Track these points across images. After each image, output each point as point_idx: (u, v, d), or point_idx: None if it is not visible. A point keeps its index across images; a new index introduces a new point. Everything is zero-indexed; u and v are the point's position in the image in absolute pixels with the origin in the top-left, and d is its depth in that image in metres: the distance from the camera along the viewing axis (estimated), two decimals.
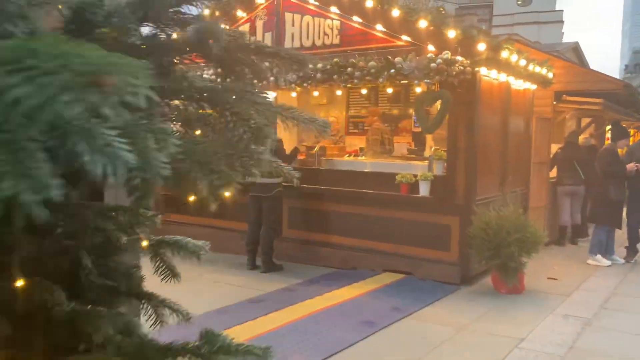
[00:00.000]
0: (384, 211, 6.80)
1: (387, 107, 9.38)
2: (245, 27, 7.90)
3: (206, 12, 7.99)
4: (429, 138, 8.26)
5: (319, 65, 6.26)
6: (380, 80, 5.86)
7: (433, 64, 5.51)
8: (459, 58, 5.81)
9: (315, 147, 7.30)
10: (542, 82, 7.62)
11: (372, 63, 5.86)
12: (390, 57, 5.83)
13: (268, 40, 7.67)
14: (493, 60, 5.94)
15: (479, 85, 6.23)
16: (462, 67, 5.82)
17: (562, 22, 47.04)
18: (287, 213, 7.56)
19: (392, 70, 5.74)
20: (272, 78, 6.49)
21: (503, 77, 6.80)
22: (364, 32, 6.87)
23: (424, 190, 6.22)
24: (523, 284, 6.02)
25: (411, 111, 8.19)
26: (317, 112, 10.20)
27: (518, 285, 5.93)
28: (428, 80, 5.61)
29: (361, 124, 9.74)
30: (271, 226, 6.90)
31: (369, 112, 9.08)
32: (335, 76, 6.17)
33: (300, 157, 7.53)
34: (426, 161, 6.73)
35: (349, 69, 6.04)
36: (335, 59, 6.23)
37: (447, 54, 5.63)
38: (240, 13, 7.90)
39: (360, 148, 8.90)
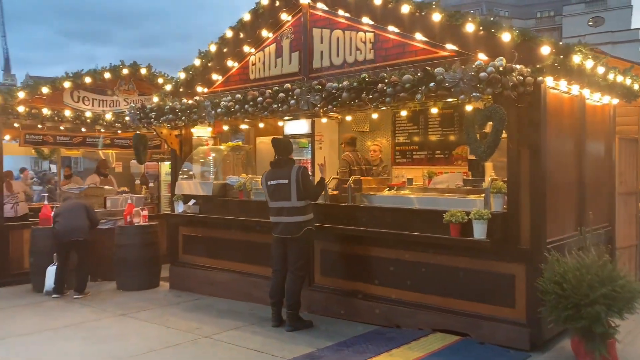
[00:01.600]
0: (432, 257, 5.59)
1: (438, 131, 8.22)
2: (272, 48, 7.05)
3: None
4: (488, 167, 6.99)
5: (345, 83, 5.24)
6: (418, 97, 4.75)
7: (483, 74, 4.36)
8: (517, 66, 4.63)
9: (349, 179, 6.22)
10: (626, 94, 6.24)
11: (407, 76, 4.78)
12: (429, 68, 4.72)
13: (295, 60, 6.77)
14: (562, 67, 4.70)
15: (545, 99, 4.99)
16: (521, 77, 4.63)
17: (639, 40, 43.95)
18: (319, 257, 6.49)
19: (432, 84, 4.62)
20: (292, 101, 5.56)
21: (575, 89, 5.51)
22: (402, 44, 5.82)
23: (479, 231, 4.98)
24: (615, 353, 4.60)
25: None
26: (362, 140, 9.17)
27: (608, 356, 4.52)
28: (477, 95, 4.44)
29: (410, 152, 8.61)
30: (297, 274, 5.86)
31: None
32: (363, 94, 5.12)
33: (333, 193, 6.49)
34: (483, 195, 5.48)
35: (379, 85, 4.98)
36: (364, 74, 5.19)
37: (501, 61, 4.47)
38: (265, 33, 7.07)
39: (408, 179, 7.75)
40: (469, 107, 5.35)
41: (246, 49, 7.25)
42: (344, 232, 6.01)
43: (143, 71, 10.03)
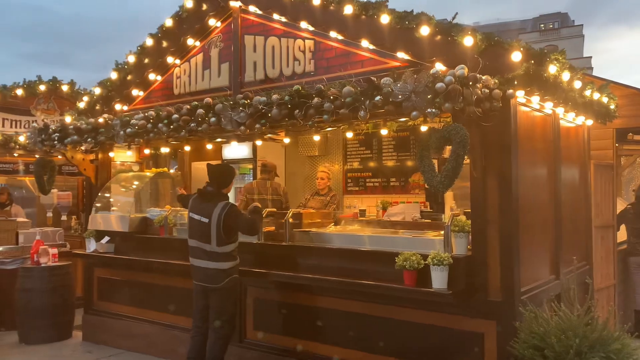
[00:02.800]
0: (384, 310, 4.57)
1: (394, 156, 7.33)
2: (198, 59, 6.04)
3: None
4: (448, 197, 6.09)
5: (274, 97, 4.25)
6: (362, 114, 3.79)
7: (440, 84, 3.43)
8: (482, 77, 3.74)
9: (287, 212, 5.18)
10: (602, 114, 5.45)
11: (347, 89, 3.81)
12: (374, 79, 3.78)
13: (225, 73, 5.76)
14: (536, 78, 3.83)
15: (516, 117, 4.11)
16: (487, 90, 3.73)
17: (591, 68, 44.98)
18: (251, 307, 5.40)
19: (378, 98, 3.66)
20: (213, 119, 4.54)
21: (549, 106, 4.68)
22: (346, 53, 4.89)
23: (438, 280, 4.00)
24: None
25: None
26: (312, 165, 8.20)
27: None
28: (433, 111, 3.50)
29: (362, 179, 7.68)
30: (220, 333, 4.75)
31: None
32: (296, 111, 4.13)
33: (268, 229, 5.44)
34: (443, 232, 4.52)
35: (314, 100, 4.00)
36: (296, 86, 4.22)
37: (462, 69, 3.56)
38: (191, 41, 6.06)
39: (360, 210, 6.80)
40: (424, 128, 4.44)
41: (170, 59, 6.21)
42: (281, 278, 4.95)
43: (65, 88, 8.86)
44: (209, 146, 6.71)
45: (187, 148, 6.37)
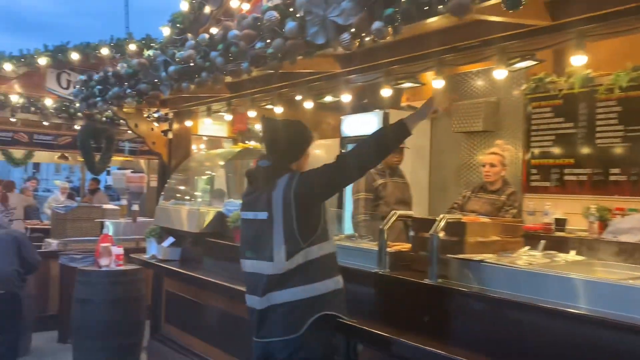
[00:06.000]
0: None
1: (617, 132, 4.42)
2: None
3: None
4: None
5: None
6: None
7: None
8: None
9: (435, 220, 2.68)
10: None
11: None
12: None
13: None
14: None
15: None
16: None
17: None
18: None
19: None
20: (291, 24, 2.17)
21: None
22: None
23: None
24: None
25: None
26: (466, 148, 5.61)
27: None
28: None
29: (557, 169, 4.87)
30: None
31: None
32: None
33: (399, 246, 2.99)
34: None
35: None
36: None
37: None
38: None
39: (556, 220, 4.07)
40: None
41: None
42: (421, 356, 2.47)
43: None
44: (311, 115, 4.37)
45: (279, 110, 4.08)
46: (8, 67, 6.14)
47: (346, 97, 3.34)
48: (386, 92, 2.99)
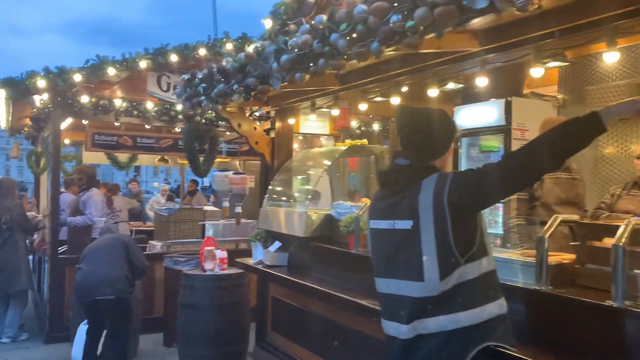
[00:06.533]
0: None
1: None
2: None
3: None
4: None
5: None
6: None
7: None
8: None
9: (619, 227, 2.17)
10: None
11: None
12: None
13: None
14: None
15: None
16: None
17: None
18: None
19: None
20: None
21: None
22: None
23: None
24: None
25: None
26: (609, 139, 4.91)
27: None
28: None
29: None
30: None
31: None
32: None
33: (560, 257, 2.49)
34: None
35: None
36: None
37: None
38: None
39: None
40: None
41: None
42: None
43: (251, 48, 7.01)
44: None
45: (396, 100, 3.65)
46: (111, 71, 6.17)
47: (482, 81, 2.87)
48: (537, 72, 2.49)
